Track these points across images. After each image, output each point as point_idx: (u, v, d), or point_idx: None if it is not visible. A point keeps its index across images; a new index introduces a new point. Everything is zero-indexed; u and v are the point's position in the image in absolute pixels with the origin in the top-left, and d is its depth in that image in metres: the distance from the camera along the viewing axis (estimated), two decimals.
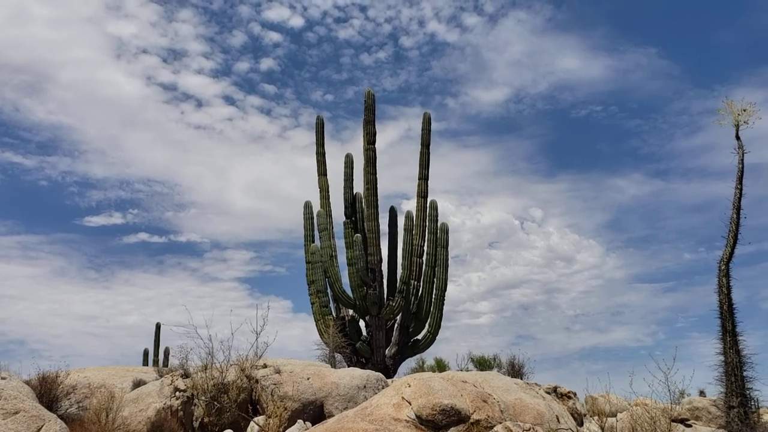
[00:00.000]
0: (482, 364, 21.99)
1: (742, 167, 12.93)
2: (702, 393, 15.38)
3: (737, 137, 13.13)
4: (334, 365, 16.12)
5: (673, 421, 13.61)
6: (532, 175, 63.05)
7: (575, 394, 12.65)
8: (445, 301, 18.55)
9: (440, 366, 22.36)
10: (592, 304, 56.94)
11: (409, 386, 9.55)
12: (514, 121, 61.28)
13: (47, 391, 13.36)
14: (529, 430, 8.57)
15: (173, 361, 19.30)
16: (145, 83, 55.56)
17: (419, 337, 18.53)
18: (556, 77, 60.89)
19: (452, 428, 8.93)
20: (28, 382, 13.35)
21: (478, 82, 62.42)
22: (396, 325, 18.61)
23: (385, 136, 55.29)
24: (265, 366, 14.50)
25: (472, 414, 9.30)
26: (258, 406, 13.73)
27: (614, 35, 60.41)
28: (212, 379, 12.91)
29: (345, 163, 19.67)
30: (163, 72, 55.50)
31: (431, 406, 8.99)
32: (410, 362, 22.72)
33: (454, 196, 61.05)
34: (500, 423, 9.23)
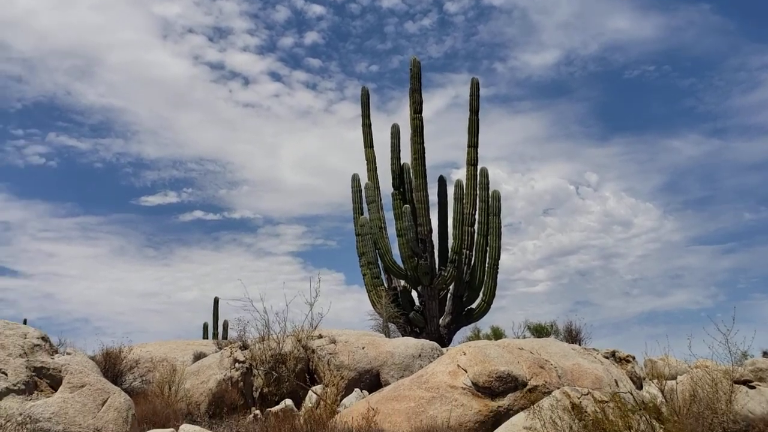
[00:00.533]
0: (539, 332, 21.80)
1: None
2: (766, 354, 14.91)
3: None
4: (388, 335, 16.21)
5: (736, 382, 13.25)
6: (586, 139, 61.44)
7: (634, 358, 12.42)
8: (498, 270, 18.40)
9: (496, 334, 22.27)
10: (650, 268, 55.65)
11: (465, 354, 9.52)
12: (565, 84, 59.61)
13: (111, 366, 13.83)
14: (587, 394, 8.44)
15: (232, 334, 19.77)
16: (192, 63, 56.22)
17: (473, 306, 18.46)
18: (606, 38, 58.87)
19: (509, 395, 8.88)
20: (92, 358, 13.86)
21: (527, 46, 60.81)
22: (449, 295, 18.56)
23: (431, 104, 54.64)
24: (320, 336, 14.70)
25: (529, 380, 9.23)
26: (315, 376, 13.94)
27: None
28: (270, 350, 13.14)
29: (391, 134, 19.56)
30: (210, 51, 56.01)
31: (487, 373, 8.95)
32: (465, 331, 22.69)
33: (506, 163, 60.05)
34: (558, 389, 9.13)
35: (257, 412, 11.87)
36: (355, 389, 12.11)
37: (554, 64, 58.41)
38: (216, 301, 32.44)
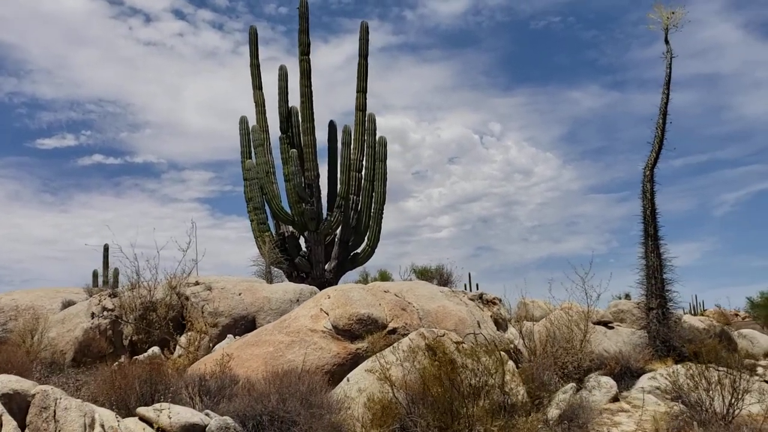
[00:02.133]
0: (424, 275, 22.39)
1: (670, 72, 12.96)
2: (627, 296, 15.96)
3: (666, 41, 13.06)
4: (270, 281, 16.17)
5: (596, 323, 14.15)
6: (491, 89, 62.42)
7: (500, 300, 12.98)
8: (383, 215, 18.61)
9: (384, 278, 22.69)
10: (548, 215, 58.12)
11: (329, 297, 9.64)
12: (473, 33, 59.99)
13: None
14: (444, 335, 8.76)
15: (123, 281, 19.11)
16: None
17: (359, 251, 18.64)
18: None
19: (369, 337, 9.08)
20: None
21: None
22: (336, 240, 18.64)
23: (341, 50, 53.63)
24: (197, 283, 14.45)
25: (389, 322, 9.47)
26: (188, 323, 13.77)
27: None
28: (140, 298, 12.83)
29: (279, 76, 19.10)
30: None
31: (348, 315, 9.10)
32: (354, 276, 23.01)
33: (414, 112, 60.36)
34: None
35: (122, 360, 11.64)
36: (228, 335, 12.06)
37: (462, 13, 58.57)
38: (106, 248, 31.32)
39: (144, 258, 13.27)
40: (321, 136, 19.88)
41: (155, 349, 11.45)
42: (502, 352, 9.97)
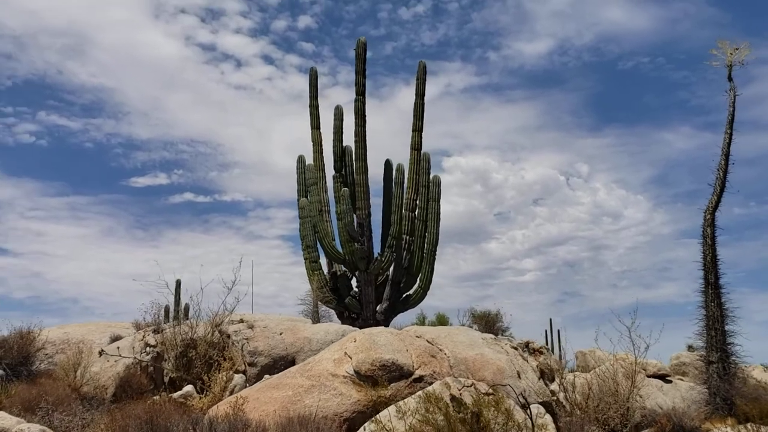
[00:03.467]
0: (484, 320, 21.79)
1: (733, 110, 12.27)
2: (691, 348, 14.92)
3: (729, 78, 12.39)
4: (317, 320, 16.10)
5: (651, 376, 13.25)
6: (578, 130, 61.40)
7: (547, 349, 12.36)
8: (436, 256, 18.30)
9: (441, 321, 22.23)
10: (639, 260, 55.94)
11: (355, 341, 9.41)
12: (559, 74, 59.49)
13: (22, 347, 13.56)
14: (471, 385, 8.35)
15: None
16: (184, 44, 55.78)
17: (410, 292, 18.36)
18: (601, 28, 58.68)
19: (393, 384, 8.77)
20: (7, 338, 13.63)
21: (521, 34, 60.58)
22: (388, 281, 18.42)
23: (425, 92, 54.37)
24: (241, 321, 14.53)
25: (416, 370, 9.13)
26: (215, 363, 13.78)
27: None
28: (181, 335, 12.96)
29: (334, 116, 19.35)
30: (202, 32, 55.68)
31: (371, 361, 8.84)
32: (411, 317, 22.66)
33: (497, 152, 60.02)
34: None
35: (156, 397, 11.71)
36: (265, 376, 11.94)
37: (547, 54, 58.31)
38: (178, 283, 32.30)
39: (214, 293, 13.45)
40: (379, 174, 20.00)
41: (189, 387, 11.48)
42: (539, 406, 9.43)
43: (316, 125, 20.13)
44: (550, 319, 28.85)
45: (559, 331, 31.16)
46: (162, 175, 54.68)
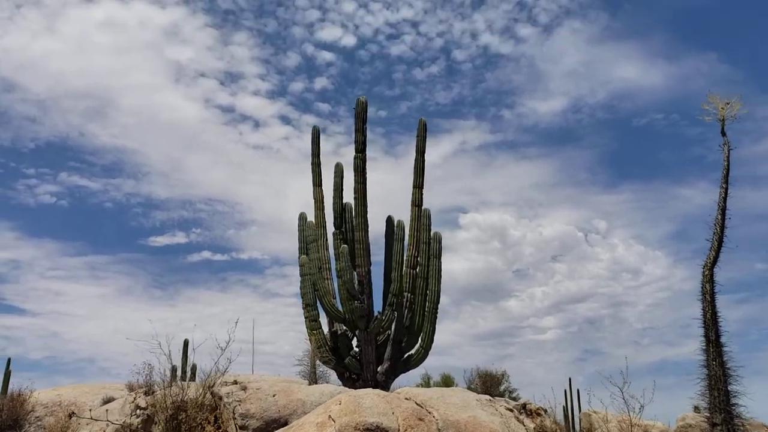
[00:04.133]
0: (490, 380, 21.37)
1: (728, 165, 12.20)
2: (696, 409, 14.45)
3: (723, 133, 12.36)
4: (314, 381, 15.82)
5: None
6: (594, 186, 61.72)
7: (545, 411, 12.02)
8: (438, 315, 18.08)
9: (446, 381, 21.85)
10: (660, 317, 55.10)
11: (339, 403, 9.21)
12: (573, 131, 60.32)
13: (13, 410, 13.46)
14: None
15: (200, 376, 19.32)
16: (203, 106, 57.44)
17: (412, 352, 18.06)
18: (614, 86, 59.70)
19: None
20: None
21: (535, 93, 61.77)
22: (389, 340, 18.17)
23: (439, 149, 55.30)
24: (235, 383, 14.33)
25: None
26: (221, 424, 13.55)
27: (672, 41, 58.85)
28: (171, 397, 12.78)
29: (335, 173, 19.51)
30: (221, 94, 57.40)
31: (354, 424, 8.63)
32: (415, 378, 22.26)
33: (513, 209, 60.30)
34: None
35: None
36: None
37: (561, 111, 59.31)
38: (186, 343, 32.06)
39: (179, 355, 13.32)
40: (382, 231, 19.97)
41: None
42: None
43: (318, 182, 20.28)
44: (570, 379, 28.18)
45: (578, 391, 30.47)
46: (180, 234, 55.47)
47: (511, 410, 11.13)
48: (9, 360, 27.48)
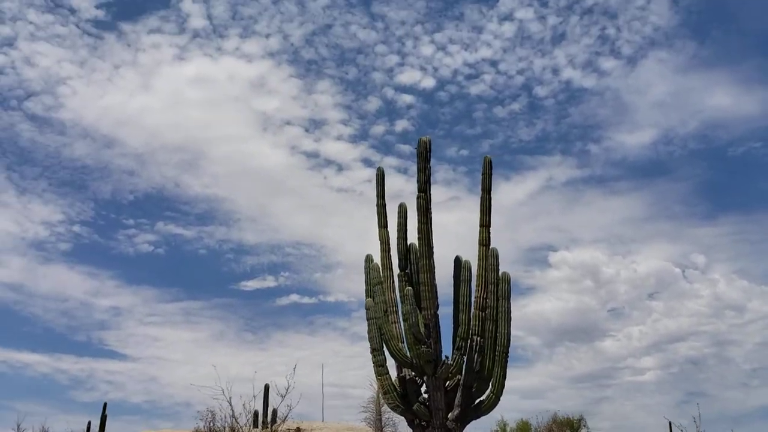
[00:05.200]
0: (568, 426, 20.25)
1: None
2: None
3: None
4: (380, 428, 15.31)
5: None
6: (690, 219, 58.88)
7: None
8: (509, 358, 17.33)
9: (523, 428, 20.85)
10: None
11: None
12: (664, 163, 58.05)
13: None
14: None
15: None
16: (289, 153, 59.37)
17: (483, 398, 17.31)
18: (706, 115, 57.19)
19: None
20: None
21: (621, 126, 60.13)
22: (459, 386, 17.50)
23: (524, 186, 54.36)
24: (298, 429, 14.07)
25: None
26: None
27: (766, 66, 56.21)
28: None
29: (398, 214, 19.28)
30: (306, 141, 59.23)
31: None
32: (491, 424, 21.34)
33: (605, 245, 58.19)
34: None
35: None
36: None
37: (651, 144, 57.39)
38: (266, 388, 32.02)
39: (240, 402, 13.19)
40: (450, 273, 19.42)
41: None
42: None
43: (383, 224, 20.08)
44: (670, 423, 26.40)
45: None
46: (270, 277, 56.91)
47: None
48: (105, 405, 28.42)
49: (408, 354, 17.38)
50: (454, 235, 20.62)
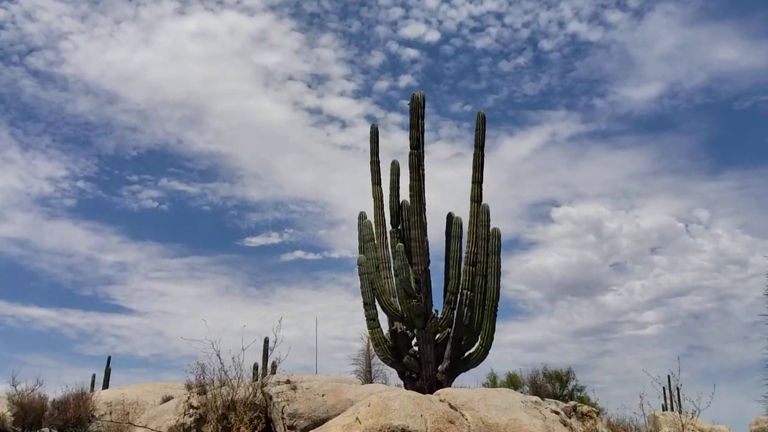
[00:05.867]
0: (557, 378, 20.72)
1: None
2: None
3: None
4: (369, 380, 15.75)
5: None
6: (695, 174, 58.51)
7: (597, 413, 11.43)
8: (497, 312, 17.61)
9: (513, 381, 21.32)
10: None
11: (369, 405, 9.07)
12: (670, 117, 57.42)
13: (77, 408, 14.07)
14: None
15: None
16: (291, 108, 59.01)
17: (471, 351, 17.69)
18: (713, 68, 56.32)
19: None
20: (63, 399, 14.19)
21: (627, 80, 59.31)
22: (449, 339, 17.87)
23: (528, 142, 53.96)
24: (288, 382, 14.47)
25: None
26: (271, 425, 13.70)
27: None
28: (221, 396, 13.02)
29: (391, 171, 19.41)
30: (309, 97, 58.74)
31: (379, 427, 8.48)
32: (481, 377, 21.83)
33: (609, 201, 58.03)
34: None
35: None
36: None
37: (657, 97, 56.65)
38: (266, 341, 32.69)
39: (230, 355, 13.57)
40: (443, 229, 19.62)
41: None
42: None
43: (377, 181, 20.23)
44: (669, 376, 26.72)
45: (678, 389, 28.66)
46: (274, 234, 57.28)
47: (558, 413, 10.65)
48: (109, 358, 29.21)
49: (399, 308, 17.72)
50: (458, 192, 20.60)
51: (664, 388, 24.94)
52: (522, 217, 60.55)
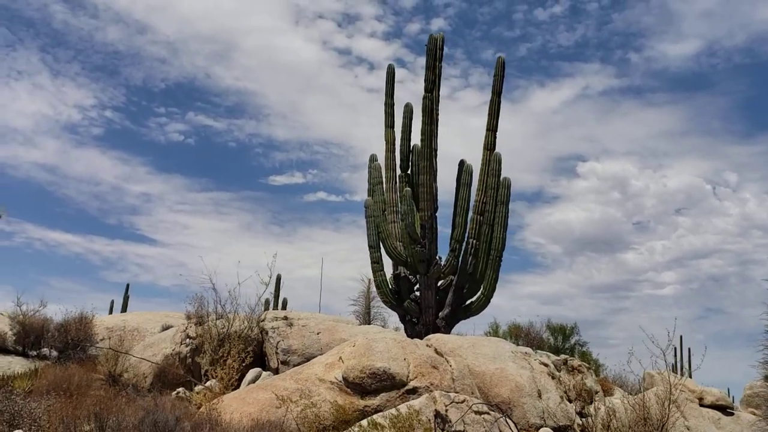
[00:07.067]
0: (561, 332, 20.70)
1: None
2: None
3: None
4: (367, 322, 15.82)
5: (708, 407, 11.87)
6: (727, 136, 56.82)
7: (587, 368, 11.37)
8: (502, 263, 17.48)
9: (515, 330, 21.35)
10: None
11: (353, 345, 9.07)
12: (707, 76, 55.40)
13: (78, 331, 14.31)
14: (463, 401, 7.77)
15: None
16: (321, 48, 58.13)
17: (473, 299, 17.65)
18: (755, 28, 53.99)
19: (383, 394, 8.37)
20: (65, 323, 14.44)
21: (665, 35, 57.10)
22: (452, 286, 17.83)
23: (559, 94, 52.53)
24: (285, 318, 14.57)
25: (410, 380, 8.67)
26: (265, 359, 13.86)
27: None
28: (217, 328, 13.16)
29: (404, 114, 19.08)
30: (338, 37, 57.77)
31: (361, 368, 8.49)
32: (483, 326, 21.89)
33: (637, 158, 56.80)
34: (449, 392, 8.48)
35: (180, 389, 11.92)
36: (254, 370, 11.77)
37: (694, 55, 54.63)
38: (279, 277, 33.08)
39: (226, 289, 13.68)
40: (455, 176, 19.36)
41: (211, 381, 11.61)
42: (549, 430, 8.66)
43: (390, 124, 19.94)
44: (681, 337, 26.65)
45: (689, 350, 28.65)
46: (298, 174, 57.34)
47: (546, 365, 10.61)
48: (128, 285, 29.82)
49: (402, 252, 17.65)
50: (481, 140, 20.05)
51: (674, 348, 24.96)
52: (547, 170, 59.74)
